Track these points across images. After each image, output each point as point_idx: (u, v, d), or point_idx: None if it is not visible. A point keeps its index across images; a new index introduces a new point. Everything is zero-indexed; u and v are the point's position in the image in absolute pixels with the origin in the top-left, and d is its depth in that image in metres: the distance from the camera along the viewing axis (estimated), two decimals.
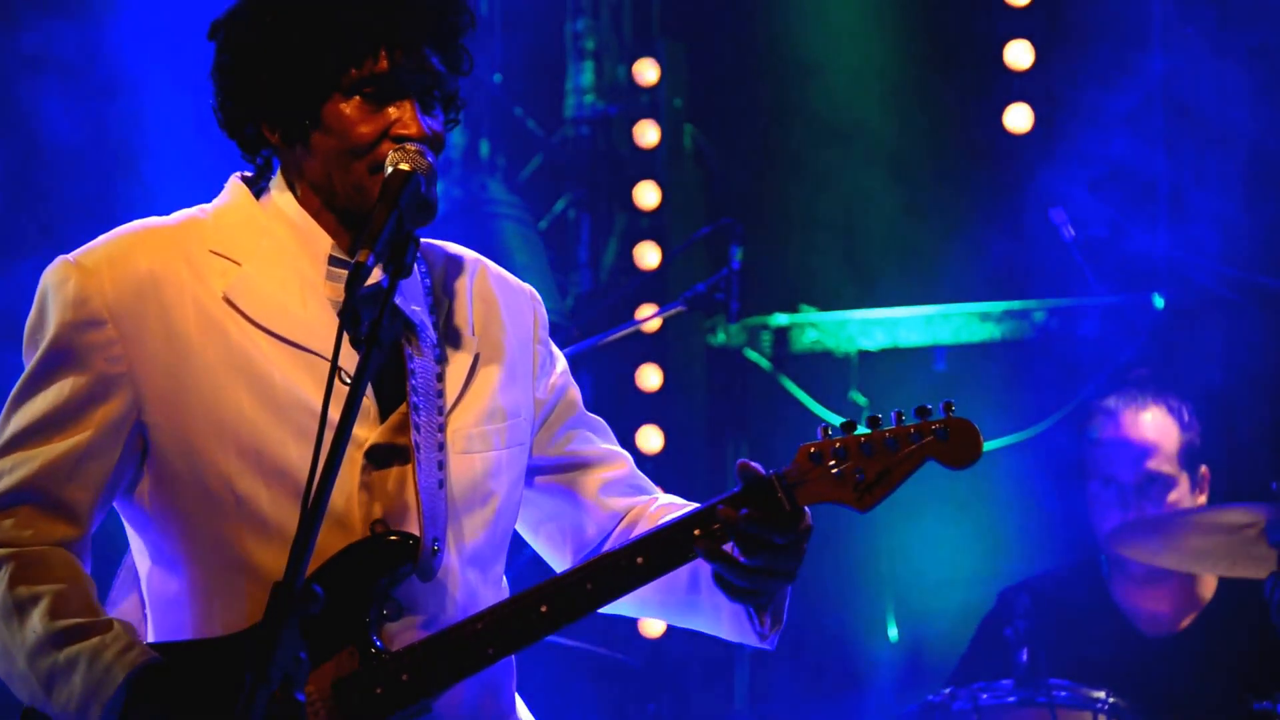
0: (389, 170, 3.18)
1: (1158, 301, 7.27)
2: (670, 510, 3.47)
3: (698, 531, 3.22)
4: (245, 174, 3.40)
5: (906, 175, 7.70)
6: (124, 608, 4.42)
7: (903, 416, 3.24)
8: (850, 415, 7.26)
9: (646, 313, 7.50)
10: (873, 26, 7.74)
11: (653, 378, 7.70)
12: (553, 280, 7.74)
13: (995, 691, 5.89)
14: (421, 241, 3.44)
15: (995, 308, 7.57)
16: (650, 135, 7.84)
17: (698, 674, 7.42)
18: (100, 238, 3.31)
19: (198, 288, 3.26)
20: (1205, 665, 6.13)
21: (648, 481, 3.59)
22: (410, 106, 3.24)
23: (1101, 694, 5.82)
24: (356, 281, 3.02)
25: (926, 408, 3.23)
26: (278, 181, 3.36)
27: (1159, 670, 6.14)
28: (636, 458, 3.72)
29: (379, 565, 3.22)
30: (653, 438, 7.57)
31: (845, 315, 7.67)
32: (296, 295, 3.28)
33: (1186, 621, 6.23)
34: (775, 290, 7.68)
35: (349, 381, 3.02)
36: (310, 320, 3.27)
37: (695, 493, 3.59)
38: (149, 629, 3.33)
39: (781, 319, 7.72)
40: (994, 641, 6.15)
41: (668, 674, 7.39)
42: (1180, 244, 7.28)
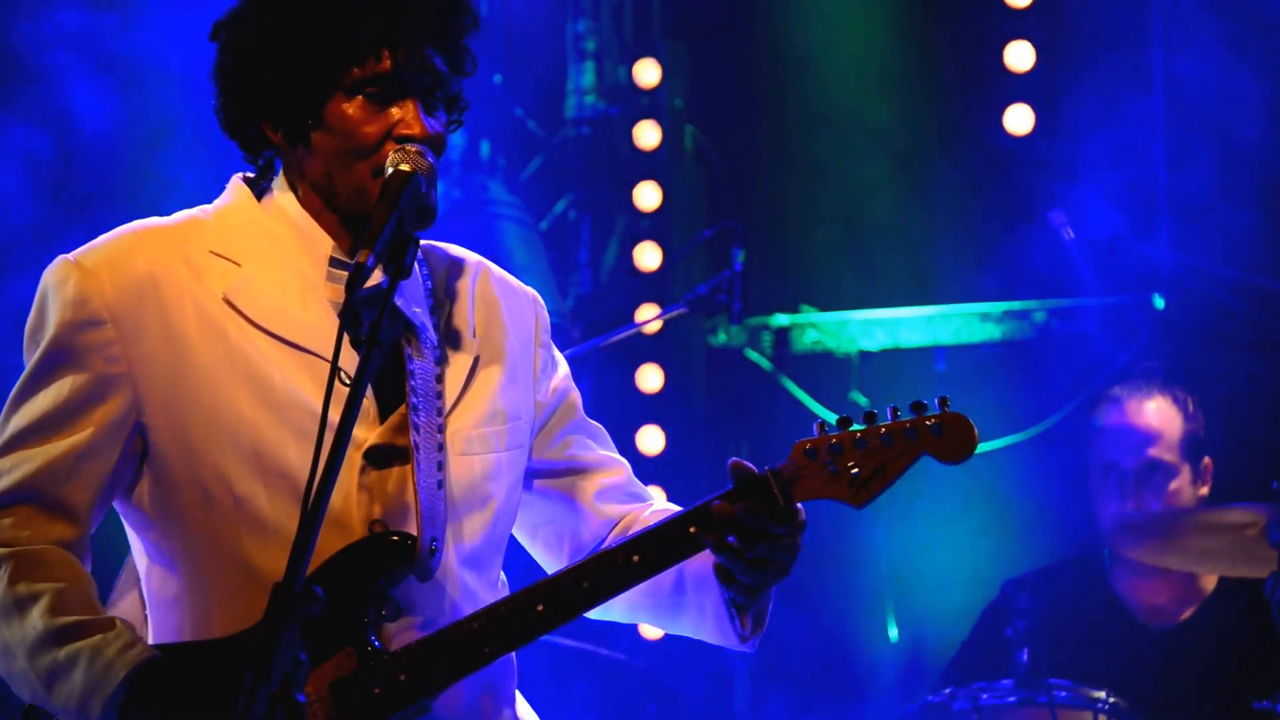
0: (389, 171, 3.18)
1: (1158, 302, 7.27)
2: (665, 515, 3.46)
3: (694, 529, 3.23)
4: (247, 175, 3.41)
5: (907, 175, 7.71)
6: (124, 607, 4.43)
7: (898, 412, 3.24)
8: (851, 415, 7.25)
9: (647, 314, 7.50)
10: (874, 28, 7.74)
11: (653, 378, 7.70)
12: (553, 281, 7.73)
13: (995, 691, 5.90)
14: (424, 243, 3.44)
15: (996, 308, 7.58)
16: (651, 136, 7.84)
17: (698, 674, 7.41)
18: (101, 237, 3.31)
19: (197, 288, 3.26)
20: (1206, 657, 6.13)
21: (644, 489, 3.59)
22: (413, 106, 3.24)
23: (1102, 694, 5.82)
24: (356, 282, 3.02)
25: (922, 403, 3.23)
26: (280, 182, 3.35)
27: (1159, 663, 6.14)
28: (637, 459, 3.73)
29: (377, 565, 3.22)
30: (654, 438, 7.57)
31: (846, 315, 7.67)
32: (297, 296, 3.28)
33: (1187, 613, 6.23)
34: (776, 291, 7.69)
35: (349, 383, 3.01)
36: (310, 321, 3.27)
37: (696, 493, 3.59)
38: (149, 629, 3.33)
39: (782, 319, 7.72)
40: (994, 632, 6.16)
41: (668, 674, 7.38)
42: (1180, 245, 7.28)
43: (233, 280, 3.27)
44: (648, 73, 7.83)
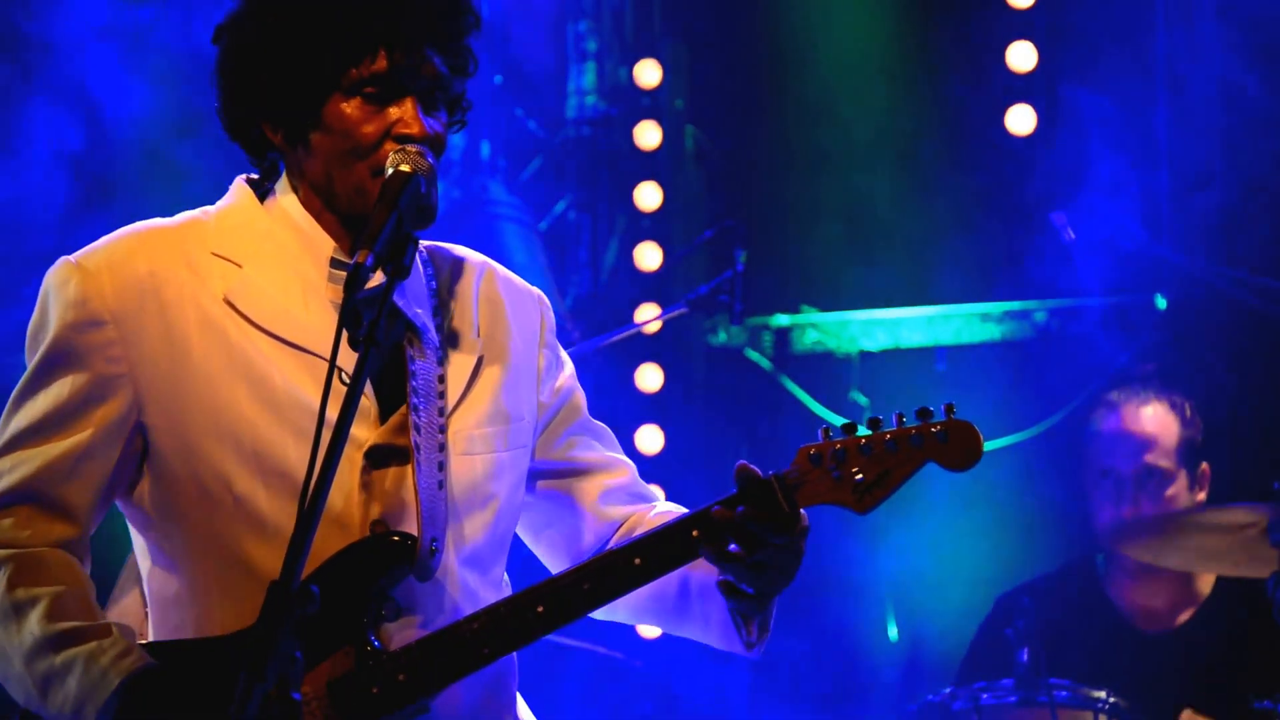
0: (389, 172, 3.18)
1: (1160, 302, 7.27)
2: (669, 517, 3.46)
3: (696, 533, 3.22)
4: (251, 176, 3.41)
5: (908, 175, 7.70)
6: (125, 606, 4.44)
7: (903, 418, 3.23)
8: (851, 416, 7.26)
9: (647, 314, 7.50)
10: (875, 28, 7.74)
11: (653, 378, 7.69)
12: (551, 281, 7.73)
13: (995, 691, 5.90)
14: (429, 244, 3.45)
15: (996, 308, 7.58)
16: (651, 136, 7.84)
17: (696, 673, 7.41)
18: (102, 239, 3.31)
19: (198, 289, 3.27)
20: (1203, 661, 6.13)
21: (649, 490, 3.58)
22: (412, 106, 3.23)
23: (1102, 694, 5.82)
24: (354, 283, 3.02)
25: (928, 409, 3.22)
26: (283, 184, 3.36)
27: (1157, 667, 6.14)
28: (636, 458, 3.71)
29: (377, 565, 3.21)
30: (652, 438, 7.56)
31: (846, 316, 7.67)
32: (298, 297, 3.28)
33: (1184, 618, 6.23)
34: (776, 291, 7.69)
35: (349, 382, 3.02)
36: (311, 322, 3.26)
37: (696, 493, 3.58)
38: (150, 628, 3.33)
39: (783, 319, 7.72)
40: (993, 647, 6.16)
41: (666, 674, 7.38)
42: (1182, 245, 7.28)
43: (233, 281, 3.28)
44: (648, 73, 7.82)
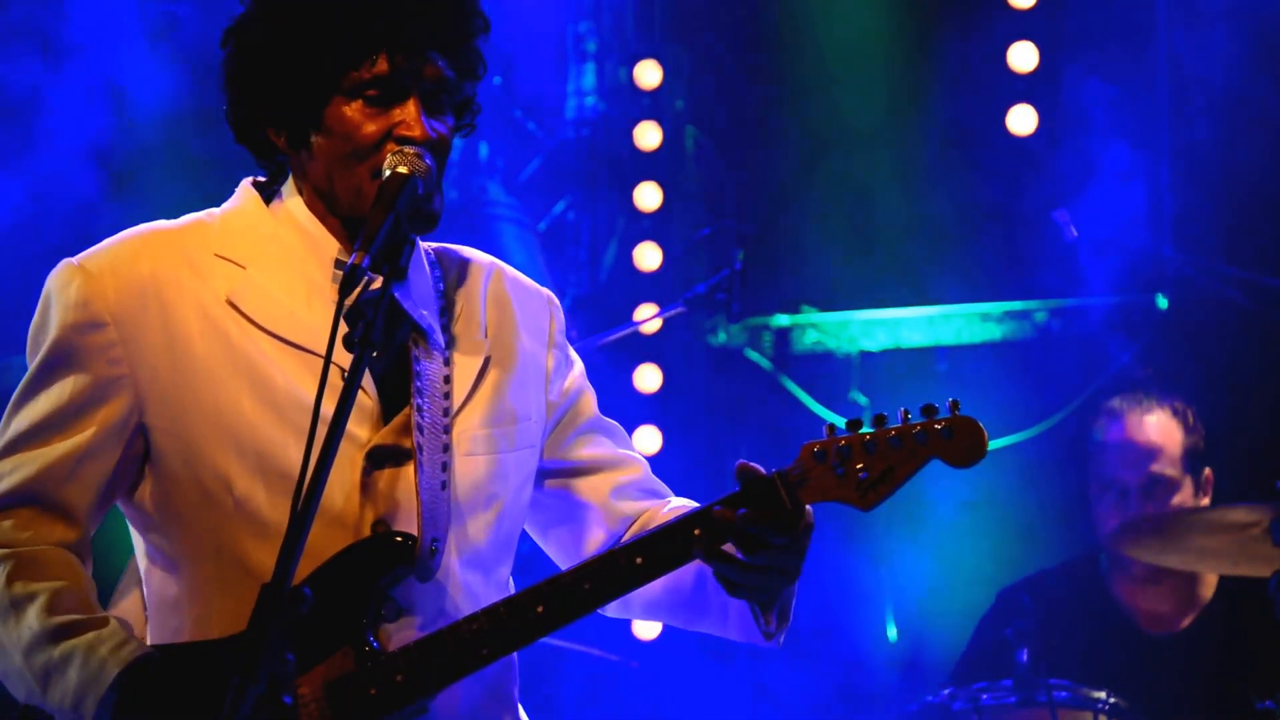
0: (387, 174, 3.18)
1: (1161, 302, 7.27)
2: (681, 512, 3.45)
3: (698, 531, 3.20)
4: (258, 179, 3.41)
5: (909, 176, 7.70)
6: (125, 608, 4.42)
7: (908, 415, 3.22)
8: (851, 416, 7.24)
9: (646, 313, 7.50)
10: (876, 29, 7.73)
11: (651, 378, 7.69)
12: (549, 281, 7.73)
13: (995, 691, 5.89)
14: (437, 246, 3.46)
15: (997, 308, 7.58)
16: (651, 137, 7.83)
17: (695, 674, 7.40)
18: (105, 241, 3.32)
19: (200, 290, 3.27)
20: (1207, 664, 6.13)
21: (662, 485, 3.57)
22: (414, 108, 3.23)
23: (1102, 694, 5.82)
24: (350, 284, 3.03)
25: (933, 406, 3.21)
26: (288, 186, 3.36)
27: (1160, 669, 6.14)
28: None
29: (377, 566, 3.21)
30: (650, 438, 7.56)
31: (847, 316, 7.67)
32: (302, 298, 3.28)
33: (1187, 620, 6.23)
34: (776, 291, 7.68)
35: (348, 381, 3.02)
36: (315, 323, 3.26)
37: (695, 494, 3.58)
38: (149, 631, 3.33)
39: (783, 319, 7.71)
40: (992, 642, 6.16)
41: (664, 675, 7.38)
42: (1184, 245, 7.28)
43: (237, 282, 3.28)
44: (648, 74, 7.82)
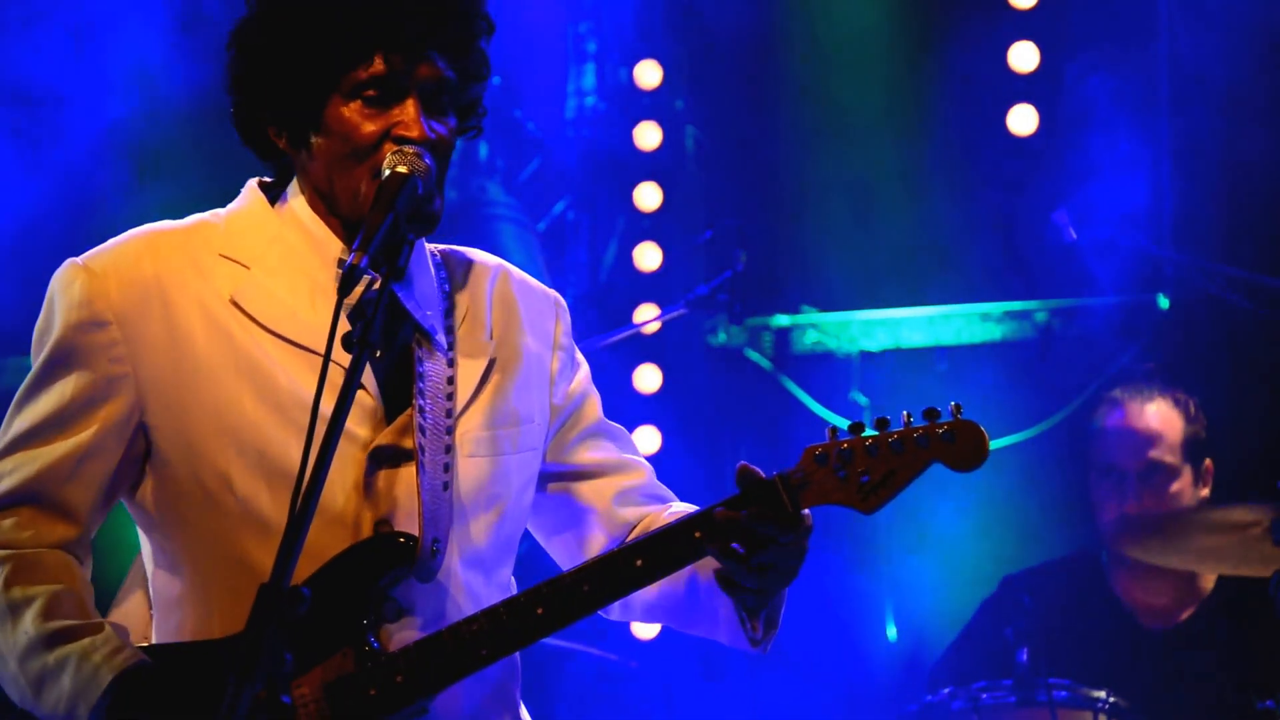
0: (386, 173, 3.18)
1: (1162, 302, 7.27)
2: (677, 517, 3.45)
3: (699, 534, 3.21)
4: (264, 180, 3.42)
5: (909, 176, 7.70)
6: (129, 608, 4.42)
7: (910, 418, 3.22)
8: (851, 416, 7.26)
9: (646, 314, 7.50)
10: (877, 29, 7.73)
11: (651, 378, 7.69)
12: (548, 282, 7.72)
13: (995, 691, 5.90)
14: (443, 247, 3.47)
15: (997, 308, 7.58)
16: (651, 137, 7.83)
17: (694, 675, 7.40)
18: (110, 241, 3.32)
19: (204, 291, 3.27)
20: (1206, 658, 6.13)
21: (666, 490, 3.57)
22: (413, 108, 3.23)
23: (1102, 693, 5.82)
24: (347, 284, 3.03)
25: (935, 410, 3.20)
26: (293, 187, 3.37)
27: (1159, 663, 6.14)
28: None
29: (378, 566, 3.21)
30: (649, 438, 7.55)
31: (847, 316, 7.67)
32: (306, 298, 3.29)
33: (1187, 614, 6.23)
34: (776, 291, 7.68)
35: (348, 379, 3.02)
36: (318, 323, 3.26)
37: (694, 495, 3.58)
38: (153, 630, 3.33)
39: (783, 320, 7.71)
40: (991, 626, 6.16)
41: (663, 675, 7.38)
42: (1185, 244, 7.28)
43: (240, 282, 3.28)
44: (648, 74, 7.82)
